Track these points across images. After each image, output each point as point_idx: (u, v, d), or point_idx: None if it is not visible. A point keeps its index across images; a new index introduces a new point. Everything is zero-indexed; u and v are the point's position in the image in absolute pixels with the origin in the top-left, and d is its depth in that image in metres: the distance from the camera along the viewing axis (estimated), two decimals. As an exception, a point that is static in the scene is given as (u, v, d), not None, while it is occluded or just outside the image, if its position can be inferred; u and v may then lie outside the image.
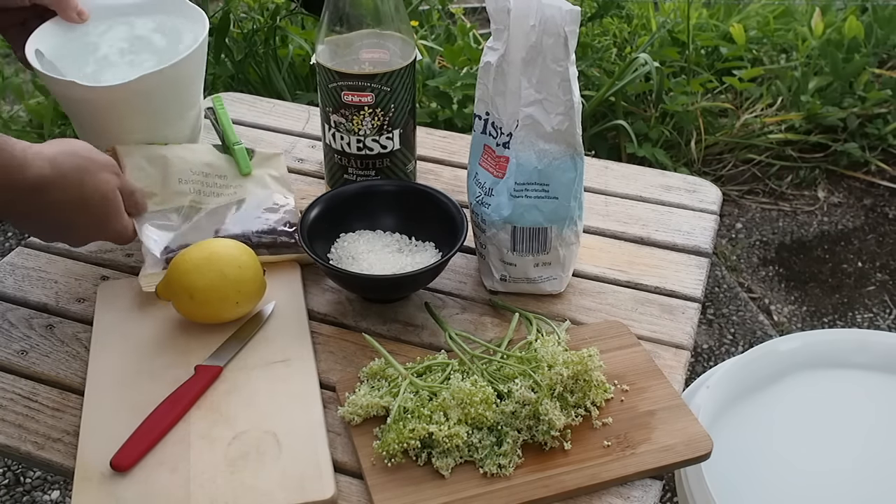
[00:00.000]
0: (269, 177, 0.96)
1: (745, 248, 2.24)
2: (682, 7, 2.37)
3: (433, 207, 0.89)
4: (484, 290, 0.90)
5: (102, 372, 0.79)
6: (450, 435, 0.70)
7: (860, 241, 2.27)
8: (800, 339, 1.11)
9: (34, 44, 0.92)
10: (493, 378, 0.75)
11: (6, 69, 2.41)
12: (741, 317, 2.02)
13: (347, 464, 0.73)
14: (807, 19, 2.54)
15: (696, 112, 2.31)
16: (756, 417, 1.05)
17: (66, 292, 0.90)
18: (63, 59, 0.94)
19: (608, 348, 0.81)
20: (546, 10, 0.77)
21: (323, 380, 0.79)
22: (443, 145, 1.14)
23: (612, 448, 0.73)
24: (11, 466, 1.67)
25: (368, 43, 0.90)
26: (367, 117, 0.91)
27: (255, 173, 0.96)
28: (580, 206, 0.86)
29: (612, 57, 2.37)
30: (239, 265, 0.81)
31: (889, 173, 2.45)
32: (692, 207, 1.04)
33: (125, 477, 0.69)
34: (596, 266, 0.94)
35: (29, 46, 0.91)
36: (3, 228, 2.26)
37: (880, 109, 2.44)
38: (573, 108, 0.80)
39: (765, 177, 2.43)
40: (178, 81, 0.91)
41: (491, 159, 0.85)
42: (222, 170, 0.94)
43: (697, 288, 0.91)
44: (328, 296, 0.89)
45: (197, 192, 0.92)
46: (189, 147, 0.95)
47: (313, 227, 0.87)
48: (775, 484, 0.98)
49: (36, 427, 0.76)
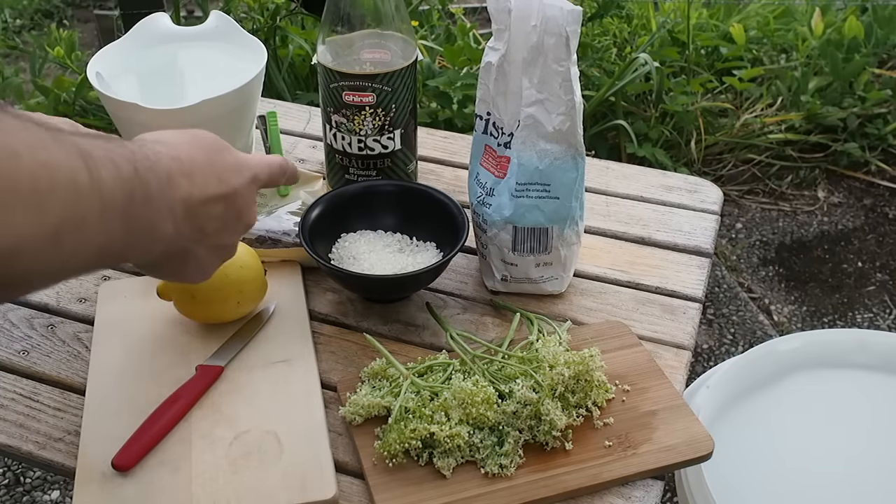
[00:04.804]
0: (303, 192, 0.97)
1: (745, 248, 2.24)
2: (682, 7, 2.37)
3: (434, 208, 0.89)
4: (485, 291, 0.90)
5: (104, 372, 0.79)
6: (451, 435, 0.70)
7: (860, 241, 2.27)
8: (800, 339, 1.11)
9: (95, 66, 0.95)
10: (494, 378, 0.75)
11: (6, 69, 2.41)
12: (741, 317, 2.02)
13: (349, 464, 0.73)
14: (807, 19, 2.54)
15: (696, 112, 2.31)
16: (756, 417, 1.05)
17: (67, 292, 0.90)
18: (123, 82, 0.96)
19: (609, 348, 0.81)
20: (547, 10, 0.77)
21: (324, 380, 0.79)
22: (444, 145, 1.14)
23: (613, 448, 0.73)
24: (11, 466, 1.67)
25: (369, 43, 0.90)
26: (368, 117, 0.91)
27: (292, 193, 0.97)
28: (581, 207, 0.86)
29: (612, 57, 2.37)
30: (240, 265, 0.81)
31: (889, 173, 2.46)
32: (693, 208, 1.04)
33: (126, 477, 0.69)
34: (597, 266, 0.94)
35: (90, 68, 0.93)
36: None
37: (880, 109, 2.45)
38: (574, 108, 0.80)
39: (765, 177, 2.43)
40: (236, 108, 0.95)
41: (492, 159, 0.85)
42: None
43: (698, 288, 0.91)
44: (329, 296, 0.89)
45: None
46: None
47: (314, 227, 0.87)
48: (775, 484, 0.98)
49: (37, 427, 0.76)
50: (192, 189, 0.57)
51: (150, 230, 0.54)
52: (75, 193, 0.46)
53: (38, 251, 0.44)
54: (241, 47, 1.03)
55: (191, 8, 2.61)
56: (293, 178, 0.71)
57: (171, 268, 0.62)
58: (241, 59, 1.01)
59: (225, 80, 0.94)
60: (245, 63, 0.98)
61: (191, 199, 0.57)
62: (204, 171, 0.59)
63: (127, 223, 0.50)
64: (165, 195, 0.55)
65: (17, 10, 3.34)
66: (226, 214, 0.61)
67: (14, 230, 0.42)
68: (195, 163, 0.58)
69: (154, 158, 0.54)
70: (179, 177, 0.56)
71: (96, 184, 0.47)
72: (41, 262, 0.45)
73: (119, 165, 0.50)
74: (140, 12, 1.34)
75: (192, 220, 0.58)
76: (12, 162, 0.42)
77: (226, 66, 1.01)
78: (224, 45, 1.04)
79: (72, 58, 2.03)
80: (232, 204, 0.61)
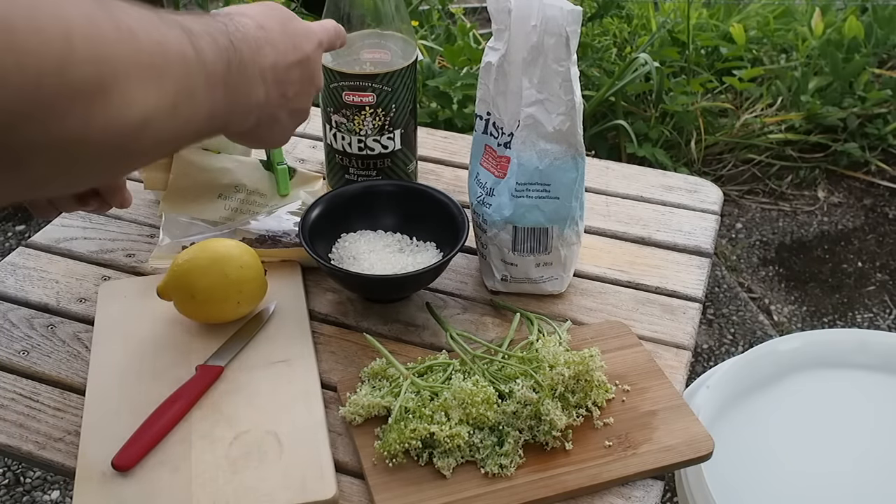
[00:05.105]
0: (303, 192, 0.98)
1: (745, 248, 2.24)
2: (682, 7, 2.37)
3: (434, 207, 0.89)
4: (485, 291, 0.90)
5: (104, 372, 0.79)
6: (451, 435, 0.70)
7: (860, 241, 2.27)
8: (800, 339, 1.11)
9: None
10: (494, 378, 0.75)
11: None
12: (741, 317, 2.02)
13: (349, 464, 0.73)
14: (807, 19, 2.54)
15: (696, 112, 2.31)
16: (756, 417, 1.05)
17: (67, 292, 0.90)
18: None
19: (609, 348, 0.81)
20: (547, 10, 0.77)
21: (324, 380, 0.79)
22: (444, 145, 1.14)
23: (613, 448, 0.73)
24: (11, 466, 1.67)
25: (369, 43, 0.90)
26: (368, 117, 0.91)
27: (293, 193, 0.97)
28: (581, 207, 0.86)
29: (612, 57, 2.37)
30: (240, 265, 0.81)
31: (889, 173, 2.46)
32: (693, 208, 1.04)
33: (126, 477, 0.69)
34: (597, 266, 0.94)
35: None
36: (3, 228, 2.26)
37: (880, 109, 2.45)
38: (574, 108, 0.80)
39: (765, 177, 2.43)
40: None
41: (492, 159, 0.85)
42: (263, 188, 0.97)
43: (698, 288, 0.91)
44: (329, 296, 0.89)
45: (233, 209, 0.94)
46: (238, 159, 0.97)
47: (314, 227, 0.87)
48: (775, 484, 0.98)
49: (37, 427, 0.76)
50: (277, 56, 0.62)
51: (247, 95, 0.58)
52: (185, 66, 0.50)
53: (161, 121, 0.48)
54: None
55: (191, 8, 2.61)
56: (344, 40, 0.76)
57: (261, 133, 0.66)
58: None
59: None
60: None
61: (277, 66, 0.62)
62: (283, 38, 0.63)
63: (227, 90, 0.55)
64: (256, 63, 0.59)
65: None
66: (302, 78, 0.65)
67: (143, 102, 0.45)
68: (275, 31, 0.62)
69: (244, 30, 0.58)
70: (266, 45, 0.60)
71: (200, 56, 0.51)
72: (164, 130, 0.48)
73: (216, 38, 0.54)
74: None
75: (279, 86, 0.62)
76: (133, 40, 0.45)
77: None
78: None
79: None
80: (307, 68, 0.66)
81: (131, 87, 0.44)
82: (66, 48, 0.41)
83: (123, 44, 0.44)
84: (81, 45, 0.41)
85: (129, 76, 0.44)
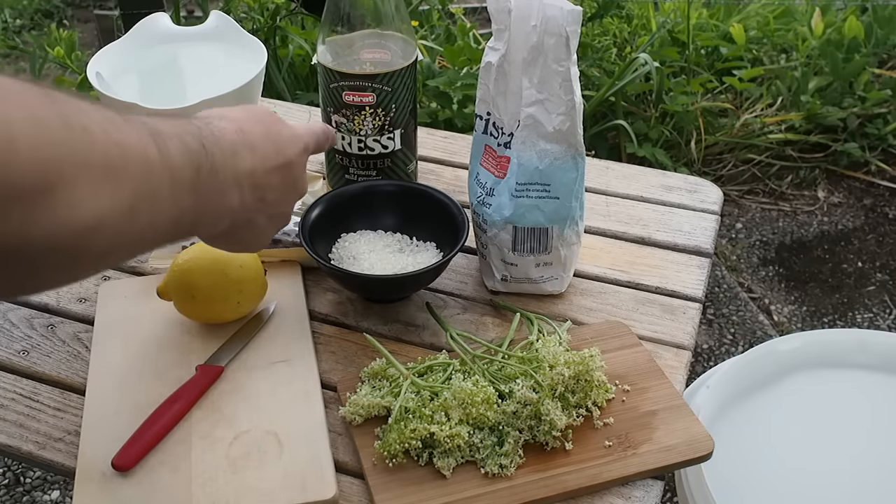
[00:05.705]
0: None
1: (745, 248, 2.24)
2: (682, 7, 2.37)
3: (434, 208, 0.89)
4: (485, 291, 0.90)
5: (104, 372, 0.79)
6: (451, 435, 0.70)
7: (860, 241, 2.27)
8: (800, 339, 1.11)
9: (95, 66, 0.95)
10: (494, 378, 0.75)
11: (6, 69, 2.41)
12: (741, 317, 2.02)
13: (349, 464, 0.73)
14: (807, 19, 2.54)
15: (696, 112, 2.31)
16: (756, 417, 1.05)
17: (67, 292, 0.90)
18: (123, 82, 0.97)
19: (609, 348, 0.81)
20: (547, 10, 0.77)
21: (324, 380, 0.79)
22: (444, 145, 1.14)
23: (613, 448, 0.73)
24: (11, 466, 1.67)
25: (369, 43, 0.90)
26: (368, 117, 0.91)
27: None
28: (581, 207, 0.86)
29: (612, 57, 2.37)
30: (240, 265, 0.81)
31: (889, 173, 2.46)
32: (693, 208, 1.04)
33: (126, 477, 0.69)
34: (597, 266, 0.94)
35: (90, 68, 0.94)
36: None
37: (880, 109, 2.45)
38: (574, 108, 0.80)
39: (765, 177, 2.43)
40: None
41: (492, 159, 0.85)
42: None
43: (698, 288, 0.91)
44: (329, 296, 0.89)
45: None
46: None
47: (314, 227, 0.87)
48: (775, 484, 0.98)
49: (37, 427, 0.76)
50: (255, 161, 0.60)
51: (218, 202, 0.57)
52: (147, 169, 0.48)
53: (117, 225, 0.46)
54: (241, 47, 1.03)
55: (191, 8, 2.61)
56: (333, 142, 0.75)
57: (236, 237, 0.64)
58: (241, 59, 1.01)
59: (225, 80, 0.94)
60: (245, 63, 0.98)
61: (255, 171, 0.60)
62: (264, 143, 0.61)
63: (196, 195, 0.53)
64: (231, 168, 0.57)
65: (17, 10, 3.35)
66: (283, 183, 0.64)
67: (94, 203, 0.44)
68: (256, 135, 0.61)
69: (219, 134, 0.57)
70: (244, 150, 0.59)
71: (166, 159, 0.49)
72: (120, 235, 0.47)
73: (186, 141, 0.52)
74: (140, 12, 1.34)
75: (256, 191, 0.60)
76: (86, 138, 0.44)
77: (226, 66, 1.01)
78: (224, 45, 1.04)
79: (72, 58, 2.03)
80: (288, 173, 0.64)
81: (80, 188, 0.43)
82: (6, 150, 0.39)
83: (74, 143, 0.43)
84: (25, 145, 0.40)
85: (76, 177, 0.43)
